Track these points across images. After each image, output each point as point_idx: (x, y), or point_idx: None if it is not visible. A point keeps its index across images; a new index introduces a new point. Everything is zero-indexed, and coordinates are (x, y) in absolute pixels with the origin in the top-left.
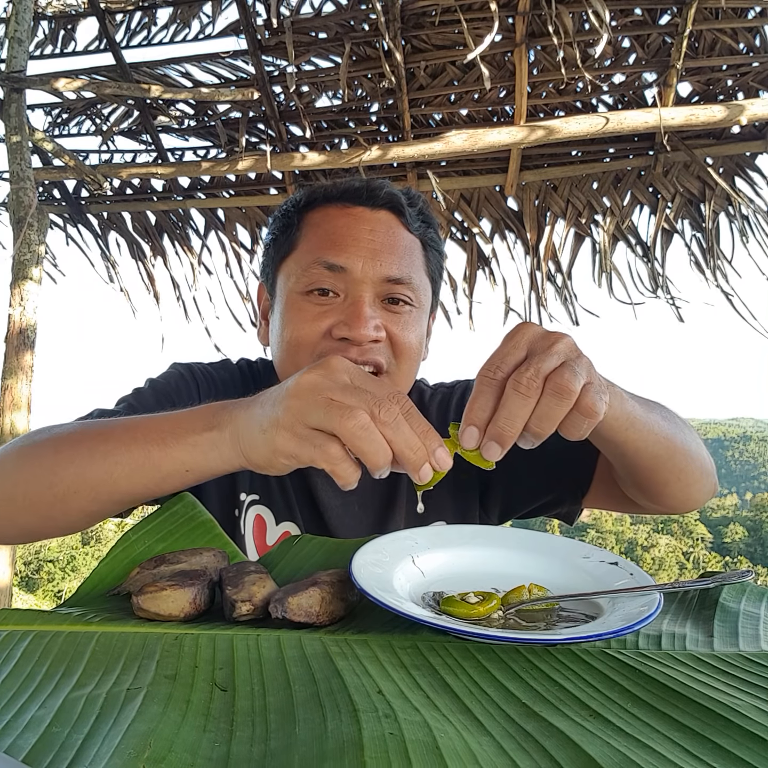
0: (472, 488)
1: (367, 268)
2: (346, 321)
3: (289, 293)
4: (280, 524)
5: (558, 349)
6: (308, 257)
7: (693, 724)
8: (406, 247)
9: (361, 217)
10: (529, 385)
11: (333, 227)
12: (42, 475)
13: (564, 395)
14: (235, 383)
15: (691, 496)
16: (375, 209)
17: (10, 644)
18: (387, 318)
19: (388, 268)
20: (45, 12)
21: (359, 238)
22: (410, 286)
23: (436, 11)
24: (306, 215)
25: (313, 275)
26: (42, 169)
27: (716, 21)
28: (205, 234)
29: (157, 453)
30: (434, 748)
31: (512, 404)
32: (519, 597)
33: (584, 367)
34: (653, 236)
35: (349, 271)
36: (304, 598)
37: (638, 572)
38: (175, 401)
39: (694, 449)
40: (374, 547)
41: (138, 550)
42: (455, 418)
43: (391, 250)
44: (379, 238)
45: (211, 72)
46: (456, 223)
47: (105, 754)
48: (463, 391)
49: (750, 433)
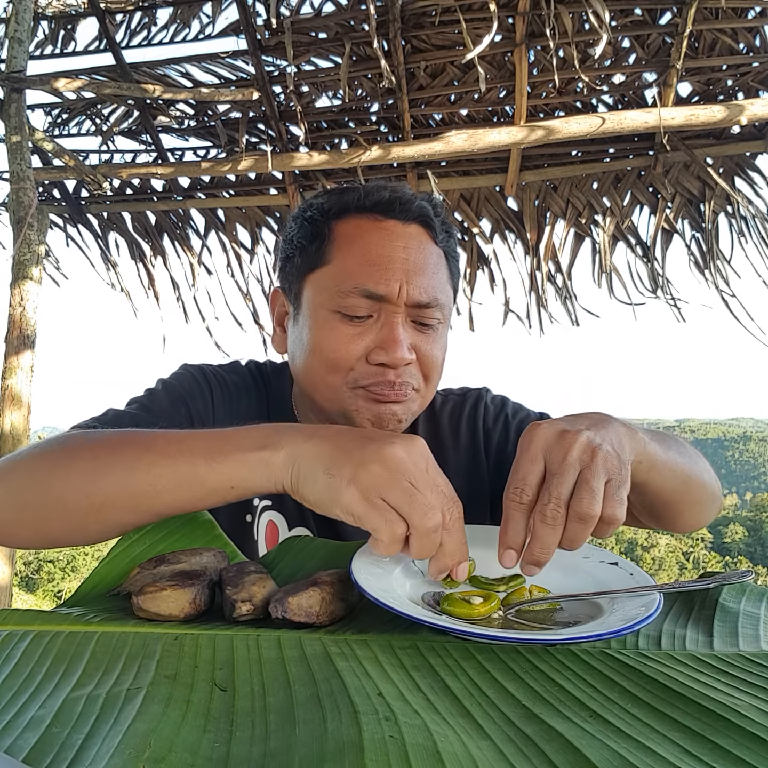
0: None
1: (402, 292)
2: (382, 345)
3: (320, 309)
4: (293, 530)
5: (572, 461)
6: (345, 280)
7: (693, 725)
8: (435, 264)
9: (394, 232)
10: (554, 516)
11: (367, 245)
12: (79, 483)
13: (587, 521)
14: (247, 388)
15: (701, 521)
16: (406, 223)
17: (10, 644)
18: (416, 337)
19: (419, 293)
20: (45, 12)
21: (393, 258)
22: (438, 307)
23: (436, 11)
24: (336, 226)
25: (350, 299)
26: (42, 169)
27: (716, 21)
28: (205, 234)
29: (203, 468)
30: (434, 753)
31: (543, 535)
32: (520, 598)
33: (601, 471)
34: (653, 236)
35: (386, 297)
36: (304, 598)
37: (638, 572)
38: (189, 404)
39: (707, 479)
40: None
41: (138, 550)
42: (467, 429)
43: (423, 271)
44: (412, 256)
45: (211, 72)
46: (456, 223)
47: (105, 754)
48: (474, 402)
49: (750, 433)
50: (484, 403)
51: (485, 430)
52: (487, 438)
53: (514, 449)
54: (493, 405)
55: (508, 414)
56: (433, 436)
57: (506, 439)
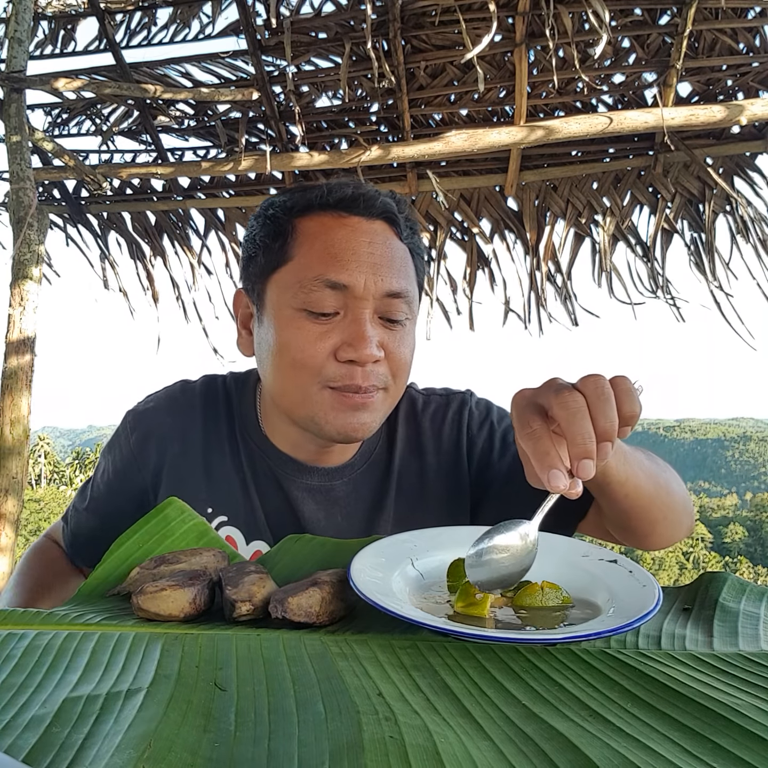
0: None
1: (369, 284)
2: (350, 342)
3: (285, 308)
4: (250, 543)
5: (559, 382)
6: (308, 273)
7: (693, 724)
8: (401, 258)
9: (359, 228)
10: (575, 399)
11: (331, 239)
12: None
13: (603, 388)
14: (192, 407)
15: (674, 534)
16: (371, 219)
17: (10, 644)
18: (384, 335)
19: (388, 283)
20: (45, 12)
21: (359, 252)
22: (407, 299)
23: (435, 11)
24: (299, 223)
25: (314, 293)
26: (42, 169)
27: (716, 21)
28: (205, 234)
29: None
30: (434, 754)
31: (576, 424)
32: (533, 595)
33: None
34: (653, 236)
35: (351, 288)
36: (304, 598)
37: (637, 569)
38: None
39: (676, 488)
40: (373, 551)
41: (137, 550)
42: (450, 433)
43: (390, 264)
44: (378, 250)
45: (211, 72)
46: (456, 223)
47: (105, 754)
48: (459, 406)
49: (750, 433)
50: (469, 408)
51: (469, 437)
52: (471, 444)
53: (498, 457)
54: (477, 410)
55: (493, 421)
56: (414, 438)
57: (490, 446)
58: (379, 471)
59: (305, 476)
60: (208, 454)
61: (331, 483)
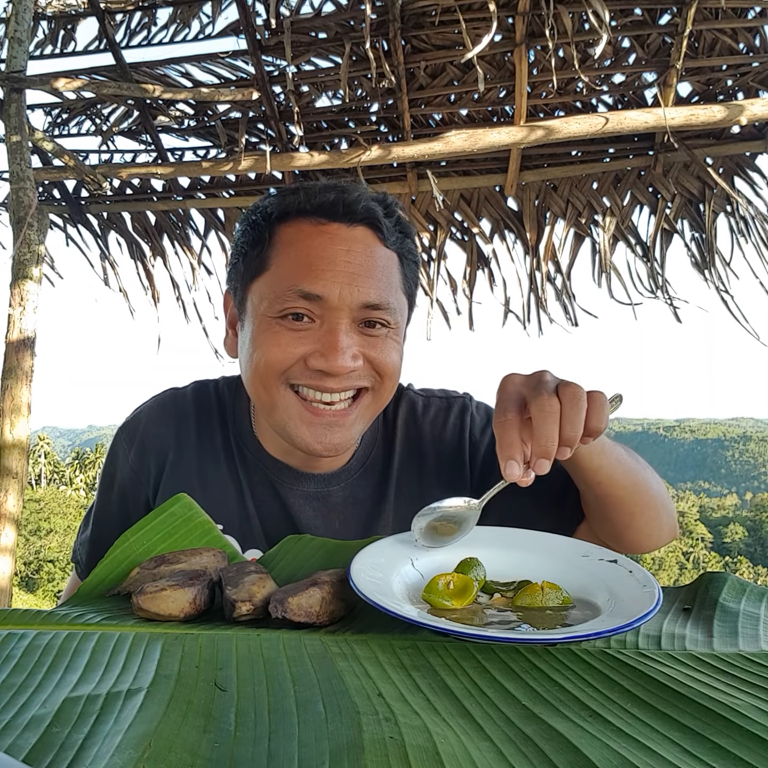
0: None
1: (345, 294)
2: (323, 351)
3: (262, 318)
4: (246, 551)
5: (546, 378)
6: (282, 283)
7: (693, 724)
8: (383, 267)
9: (337, 235)
10: (551, 404)
11: (307, 248)
12: None
13: (578, 399)
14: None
15: (654, 533)
16: (351, 225)
17: (10, 644)
18: (364, 343)
19: (365, 294)
20: (45, 12)
21: (335, 261)
22: (388, 311)
23: (435, 11)
24: (278, 230)
25: (287, 303)
26: (42, 169)
27: (716, 21)
28: (205, 234)
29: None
30: (434, 754)
31: (543, 425)
32: (533, 595)
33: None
34: (653, 236)
35: (325, 299)
36: (304, 598)
37: (637, 569)
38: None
39: (654, 485)
40: (373, 551)
41: (137, 550)
42: (451, 439)
43: (369, 273)
44: (357, 259)
45: (211, 72)
46: (456, 223)
47: (105, 754)
48: (460, 411)
49: (750, 433)
50: (470, 413)
51: (472, 443)
52: (474, 450)
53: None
54: (479, 415)
55: None
56: (414, 442)
57: (493, 450)
58: (376, 475)
59: (301, 483)
60: (202, 462)
61: (328, 489)
